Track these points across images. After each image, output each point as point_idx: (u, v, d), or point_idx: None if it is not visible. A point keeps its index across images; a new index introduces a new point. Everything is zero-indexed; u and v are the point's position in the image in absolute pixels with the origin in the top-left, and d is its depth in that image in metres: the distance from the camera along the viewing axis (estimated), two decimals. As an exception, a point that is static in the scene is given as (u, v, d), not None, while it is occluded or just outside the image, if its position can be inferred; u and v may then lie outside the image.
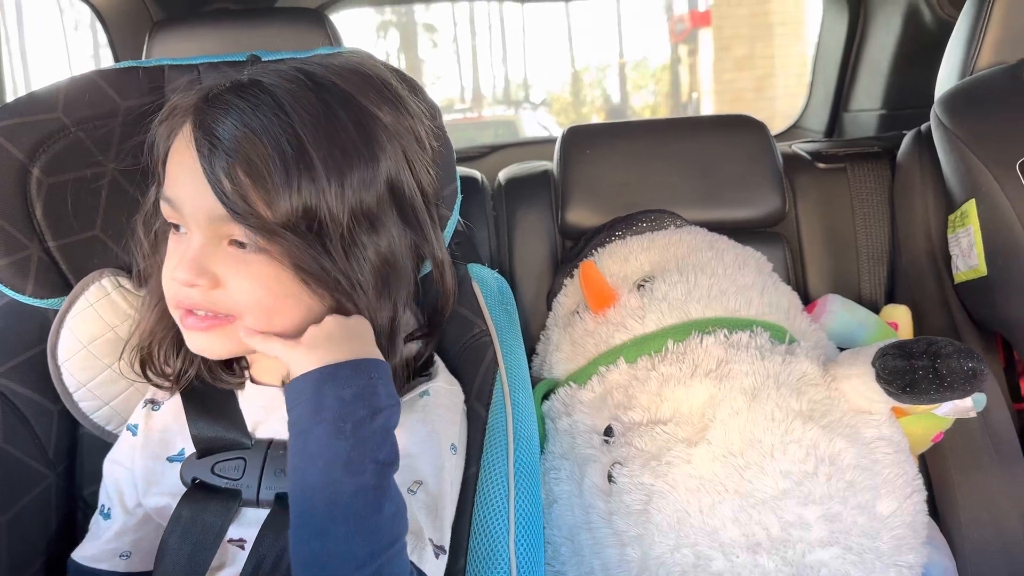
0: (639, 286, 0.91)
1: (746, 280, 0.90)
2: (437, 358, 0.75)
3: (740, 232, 1.03)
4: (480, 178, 1.13)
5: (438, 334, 0.76)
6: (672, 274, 0.90)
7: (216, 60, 0.78)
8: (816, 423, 0.73)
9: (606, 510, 0.77)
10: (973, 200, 0.88)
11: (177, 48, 1.01)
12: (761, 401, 0.75)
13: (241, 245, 0.59)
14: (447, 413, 0.71)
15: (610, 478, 0.77)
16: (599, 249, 1.00)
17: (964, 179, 0.90)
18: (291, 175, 0.56)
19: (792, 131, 1.95)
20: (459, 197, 0.83)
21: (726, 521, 0.70)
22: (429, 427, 0.68)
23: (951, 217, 0.95)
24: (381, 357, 0.60)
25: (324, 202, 0.57)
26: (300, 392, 0.56)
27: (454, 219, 0.83)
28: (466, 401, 0.75)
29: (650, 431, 0.77)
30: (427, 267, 0.74)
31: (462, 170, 1.10)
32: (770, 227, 1.12)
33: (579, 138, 1.13)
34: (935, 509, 0.87)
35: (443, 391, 0.72)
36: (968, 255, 0.90)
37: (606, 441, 0.81)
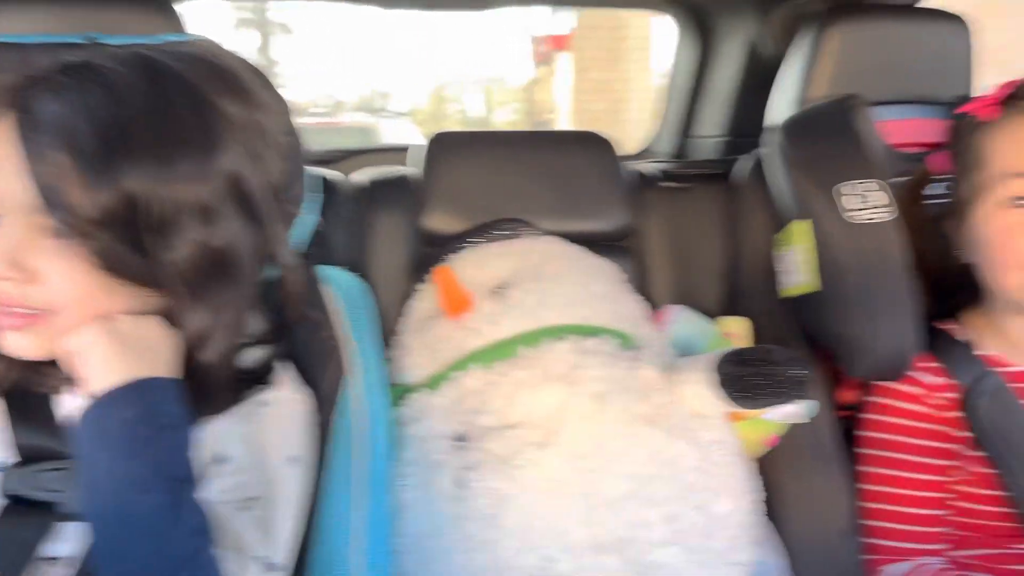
0: (495, 292, 0.92)
1: (598, 289, 0.92)
2: (284, 364, 0.72)
3: (592, 244, 1.06)
4: (337, 179, 1.10)
5: (284, 339, 0.73)
6: (528, 281, 0.91)
7: (49, 40, 0.72)
8: (659, 427, 0.76)
9: (455, 516, 0.76)
10: (803, 220, 0.95)
11: (7, 27, 0.93)
12: (609, 406, 0.77)
13: (61, 236, 0.54)
14: (288, 423, 0.69)
15: (460, 483, 0.77)
16: (457, 255, 1.00)
17: (795, 200, 0.97)
18: (113, 161, 0.53)
19: (644, 154, 2.04)
20: (320, 196, 0.80)
21: (573, 523, 0.71)
22: (265, 439, 0.65)
23: (780, 235, 1.02)
24: (174, 370, 0.58)
25: (148, 192, 0.54)
26: (84, 415, 0.54)
27: (312, 219, 0.81)
28: (316, 409, 0.72)
29: (502, 435, 0.77)
30: (273, 268, 0.71)
31: (319, 170, 1.07)
32: (619, 241, 1.16)
33: (446, 144, 1.13)
34: (769, 512, 0.93)
35: (285, 400, 0.70)
36: (796, 271, 0.97)
37: (457, 447, 0.80)
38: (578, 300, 0.89)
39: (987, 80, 1.03)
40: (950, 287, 0.96)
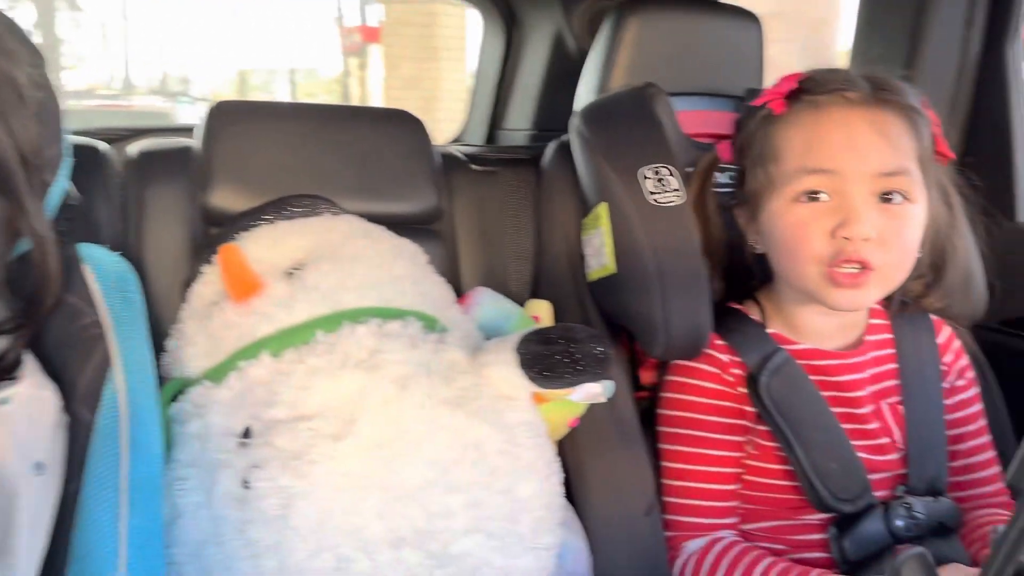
0: (289, 274, 0.85)
1: (401, 270, 0.88)
2: (29, 357, 0.62)
3: (398, 227, 1.02)
4: (104, 149, 0.97)
5: (34, 326, 0.63)
6: (326, 262, 0.85)
7: None
8: (463, 410, 0.73)
9: (239, 520, 0.69)
10: (605, 203, 0.96)
11: None
12: (411, 390, 0.73)
13: None
14: (29, 425, 0.60)
15: (246, 484, 0.70)
16: (245, 233, 0.92)
17: (598, 184, 0.98)
18: None
19: (451, 146, 2.02)
20: (68, 161, 0.70)
21: (370, 518, 0.66)
22: (2, 443, 0.56)
23: (585, 220, 1.03)
24: None
25: None
26: None
27: (60, 187, 0.70)
28: (67, 406, 0.64)
29: (293, 428, 0.71)
30: (23, 244, 0.62)
31: (80, 139, 0.94)
32: (427, 224, 1.12)
33: (229, 114, 1.03)
34: (570, 493, 0.92)
35: (26, 398, 0.60)
36: (599, 254, 0.97)
37: (243, 444, 0.73)
38: (380, 281, 0.85)
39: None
40: (740, 270, 1.00)
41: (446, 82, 6.91)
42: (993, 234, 1.13)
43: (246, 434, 0.73)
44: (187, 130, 1.11)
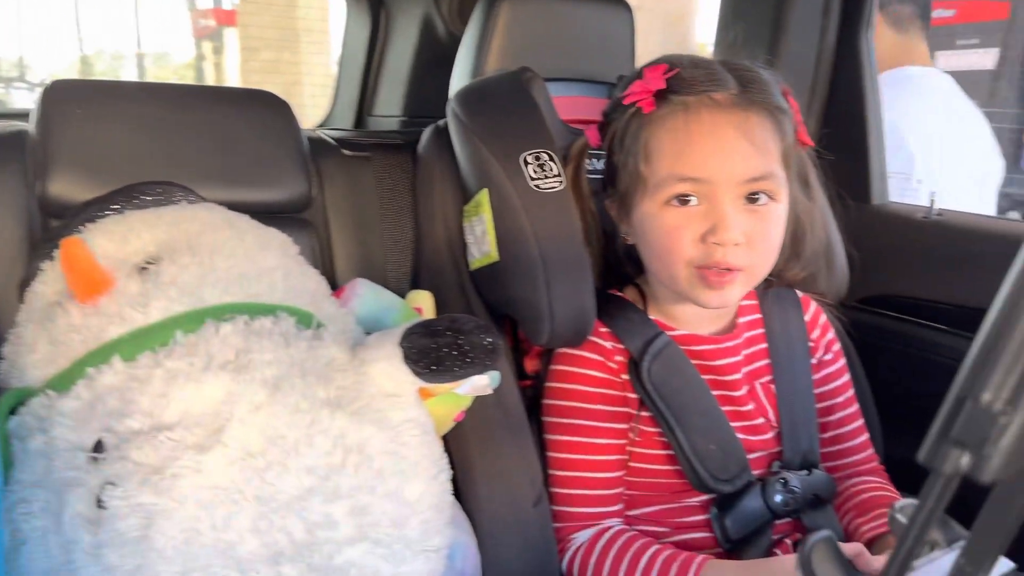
0: (142, 269, 0.77)
1: (269, 263, 0.82)
2: None
3: (265, 216, 0.95)
4: None
5: None
6: (183, 255, 0.78)
7: None
8: (344, 411, 0.68)
9: (94, 544, 0.62)
10: (486, 190, 0.93)
11: None
12: (285, 392, 0.67)
13: None
14: None
15: (100, 503, 0.62)
16: (90, 225, 0.83)
17: (478, 170, 0.95)
18: None
19: (320, 130, 1.94)
20: None
21: (244, 533, 0.61)
22: None
23: (466, 207, 1.00)
24: None
25: None
26: None
27: None
28: None
29: (152, 440, 0.64)
30: None
31: None
32: (297, 212, 1.06)
33: (67, 94, 0.93)
34: (457, 489, 0.89)
35: None
36: (482, 242, 0.95)
37: (95, 459, 0.65)
38: (246, 275, 0.78)
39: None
40: (618, 257, 1.00)
41: (308, 67, 6.68)
42: (850, 216, 1.19)
43: (98, 448, 0.66)
44: (23, 115, 1.00)
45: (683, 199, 0.85)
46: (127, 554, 0.60)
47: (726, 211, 0.83)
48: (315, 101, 5.93)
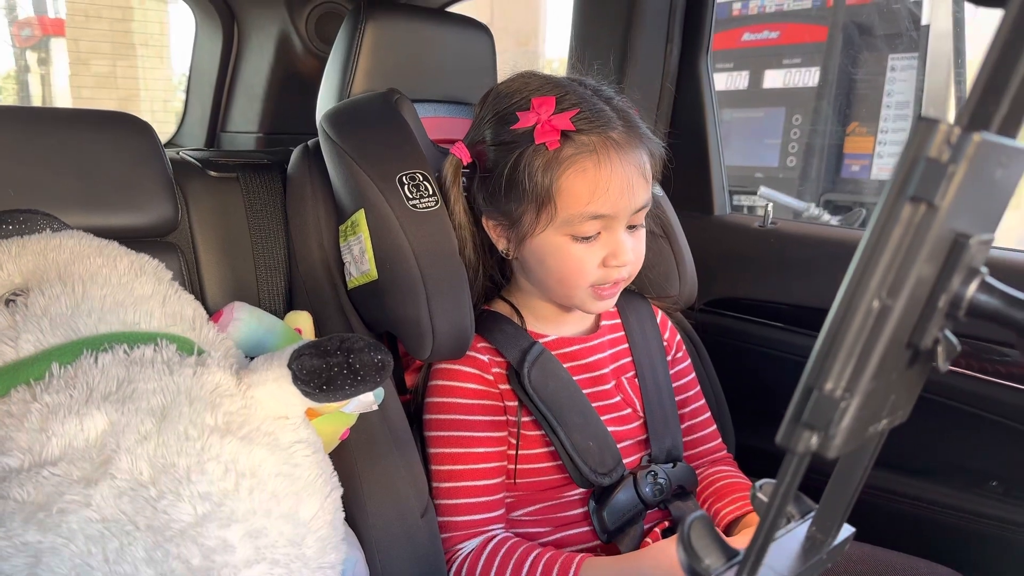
0: (8, 302, 0.73)
1: (144, 290, 0.80)
2: None
3: (130, 241, 0.92)
4: None
5: None
6: (53, 285, 0.75)
7: None
8: (234, 435, 0.68)
9: (-27, 590, 0.59)
10: (363, 210, 0.94)
11: None
12: (172, 421, 0.67)
13: None
14: None
15: (-22, 547, 0.59)
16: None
17: (354, 191, 0.96)
18: None
19: (167, 148, 1.87)
20: None
21: (138, 564, 0.60)
22: None
23: (342, 227, 1.01)
24: None
25: None
26: None
27: None
28: None
29: (34, 477, 0.61)
30: None
31: None
32: (163, 236, 1.03)
33: None
34: (345, 504, 0.90)
35: None
36: (360, 261, 0.96)
37: (-32, 501, 0.62)
38: (121, 303, 0.76)
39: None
40: (488, 271, 1.05)
41: (146, 82, 6.34)
42: (696, 228, 1.30)
43: (-29, 491, 0.62)
44: None
45: (590, 237, 0.92)
46: (12, 598, 0.58)
47: (621, 239, 0.92)
48: (155, 117, 5.64)
